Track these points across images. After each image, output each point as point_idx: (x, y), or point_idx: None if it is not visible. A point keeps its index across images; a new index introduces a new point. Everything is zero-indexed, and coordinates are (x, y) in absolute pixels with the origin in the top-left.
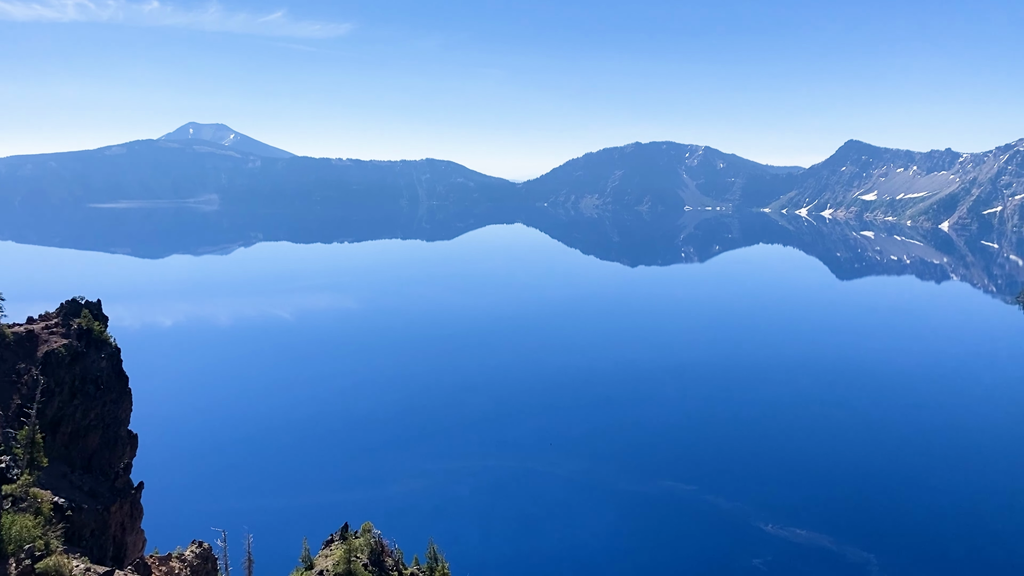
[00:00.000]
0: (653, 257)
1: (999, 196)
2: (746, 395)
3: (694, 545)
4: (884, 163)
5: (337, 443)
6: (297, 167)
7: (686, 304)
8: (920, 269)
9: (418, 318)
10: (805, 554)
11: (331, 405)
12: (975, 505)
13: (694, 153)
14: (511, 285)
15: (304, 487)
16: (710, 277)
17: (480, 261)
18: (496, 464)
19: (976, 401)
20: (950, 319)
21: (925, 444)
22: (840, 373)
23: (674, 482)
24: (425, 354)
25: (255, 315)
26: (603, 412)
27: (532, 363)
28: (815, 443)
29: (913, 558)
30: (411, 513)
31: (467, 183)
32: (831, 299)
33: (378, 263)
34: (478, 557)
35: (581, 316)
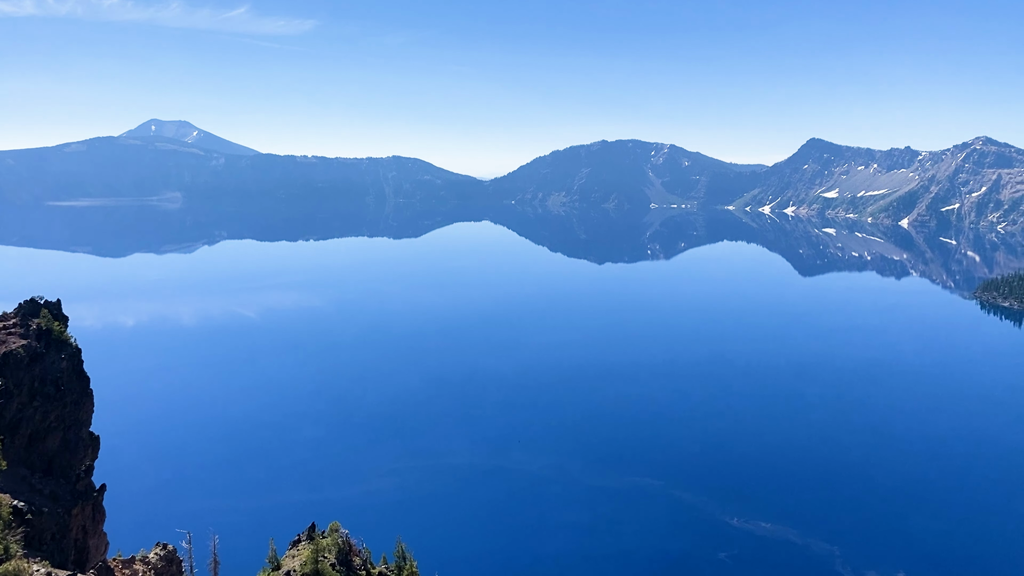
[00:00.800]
0: (620, 254)
1: (957, 194)
2: (711, 390)
3: (661, 539)
4: (845, 161)
5: (304, 442)
6: (262, 164)
7: (652, 301)
8: (880, 265)
9: (384, 317)
10: (770, 547)
11: (297, 404)
12: (936, 496)
13: (660, 151)
14: (479, 283)
15: (271, 487)
16: (676, 274)
17: (447, 259)
18: (464, 462)
19: (936, 394)
20: (910, 314)
21: (887, 437)
22: (803, 368)
23: (642, 477)
24: (392, 353)
25: (219, 314)
26: (571, 409)
27: (500, 361)
28: (780, 437)
29: (875, 550)
30: (379, 512)
31: (434, 180)
32: (794, 295)
33: (344, 261)
34: (447, 555)
35: (548, 313)
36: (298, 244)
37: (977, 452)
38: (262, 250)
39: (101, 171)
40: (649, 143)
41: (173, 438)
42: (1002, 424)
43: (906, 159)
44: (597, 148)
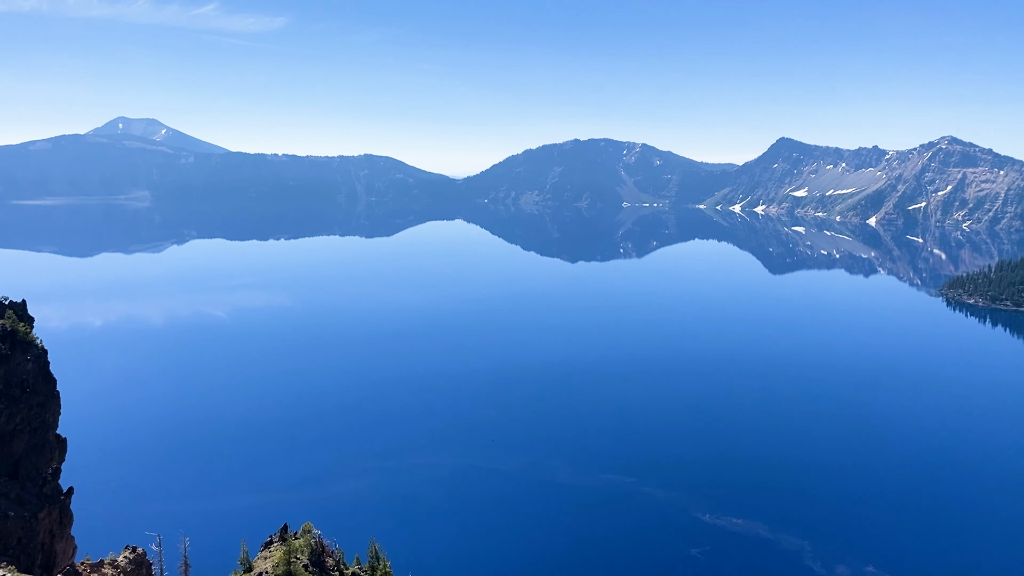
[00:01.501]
0: (593, 253)
1: (923, 192)
2: (683, 387)
3: (634, 536)
4: (814, 160)
5: (275, 442)
6: (231, 163)
7: (625, 299)
8: (849, 263)
9: (357, 316)
10: (742, 542)
11: (268, 404)
12: (904, 490)
13: (632, 150)
14: (452, 282)
15: (242, 488)
16: (648, 273)
17: (420, 258)
18: (437, 461)
19: (904, 390)
20: (879, 312)
21: (856, 432)
22: (774, 365)
23: (615, 475)
24: (364, 352)
25: (189, 314)
26: (545, 407)
27: (473, 359)
28: (751, 433)
29: (845, 544)
30: (353, 512)
31: (406, 179)
32: (764, 293)
33: (316, 260)
34: (421, 555)
35: (521, 312)
36: (269, 243)
37: (944, 447)
38: (232, 249)
39: (67, 169)
40: (621, 142)
41: (142, 439)
42: (969, 419)
43: (874, 158)
44: (570, 147)
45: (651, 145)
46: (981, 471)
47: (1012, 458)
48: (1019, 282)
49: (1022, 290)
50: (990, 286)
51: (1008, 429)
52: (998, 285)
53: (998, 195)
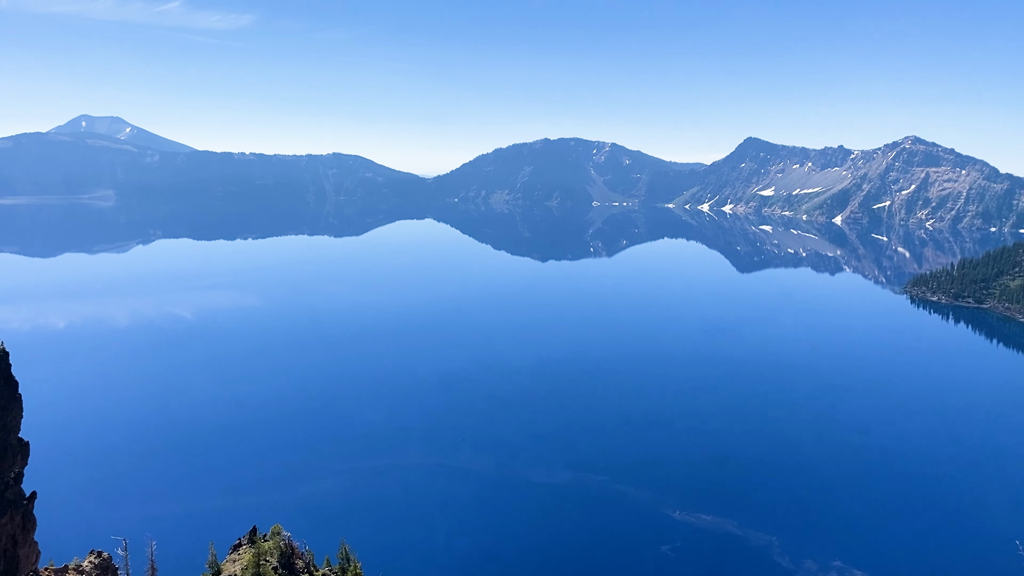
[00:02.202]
0: (563, 252)
1: (888, 191)
2: (653, 385)
3: (605, 534)
4: (781, 160)
5: (244, 444)
6: (198, 162)
7: (595, 298)
8: (815, 262)
9: (326, 316)
10: (712, 539)
11: (237, 406)
12: (870, 486)
13: (601, 150)
14: (422, 282)
15: (210, 490)
16: (618, 271)
17: (390, 257)
18: (408, 462)
19: (870, 386)
20: (844, 309)
21: (822, 428)
22: (741, 362)
23: (586, 473)
24: (333, 352)
25: (154, 315)
26: (514, 406)
27: (443, 359)
28: (719, 430)
29: (812, 539)
30: (323, 514)
31: (376, 178)
32: (732, 291)
33: (284, 260)
34: (391, 555)
35: (491, 311)
36: (236, 243)
37: (908, 441)
38: (199, 249)
39: (29, 168)
40: (591, 141)
41: (107, 442)
42: (931, 413)
43: (839, 158)
44: (540, 146)
45: (620, 144)
46: (944, 464)
47: (973, 449)
48: (980, 280)
49: (983, 288)
50: (952, 284)
51: (969, 422)
52: (960, 283)
53: (960, 194)
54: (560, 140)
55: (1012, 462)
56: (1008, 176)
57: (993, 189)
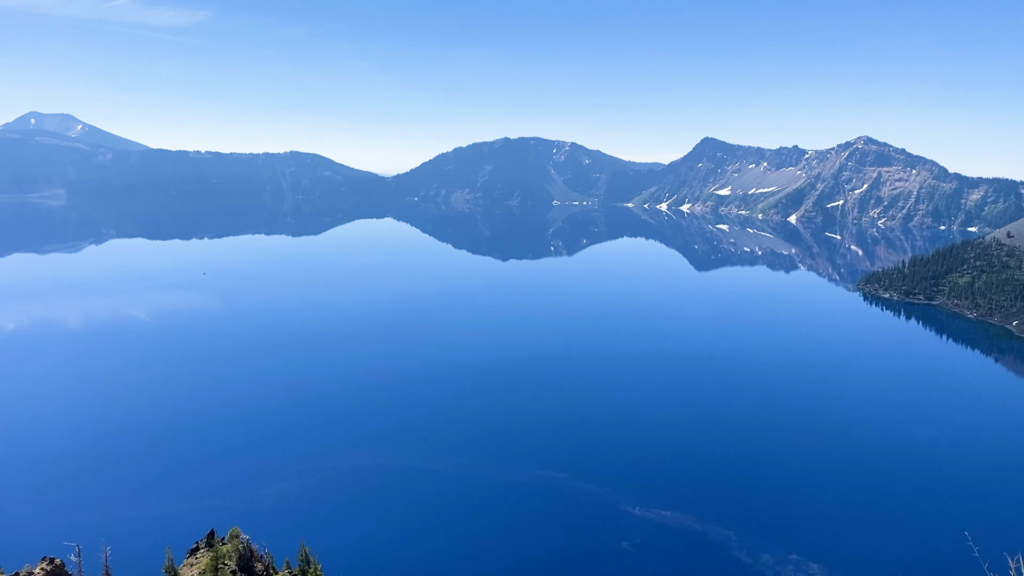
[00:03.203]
0: (524, 251)
1: (841, 191)
2: (612, 383)
3: (566, 531)
4: (738, 159)
5: (201, 446)
6: (152, 160)
7: (556, 296)
8: (771, 260)
9: (283, 316)
10: (671, 534)
11: (192, 407)
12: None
13: (561, 149)
14: (381, 281)
15: (166, 494)
16: (579, 270)
17: (349, 256)
18: (370, 462)
19: (824, 381)
20: (799, 307)
21: (778, 423)
22: (699, 358)
23: (547, 471)
24: (292, 352)
25: (107, 316)
26: (475, 406)
27: (403, 359)
28: (677, 426)
29: (769, 533)
30: (281, 516)
31: (334, 177)
32: (690, 289)
33: (241, 259)
34: (353, 556)
35: (451, 311)
36: (192, 242)
37: (862, 434)
38: (154, 249)
39: None
40: (551, 141)
41: (59, 446)
42: (885, 407)
43: (794, 158)
44: (500, 145)
45: (580, 144)
46: (896, 457)
47: (924, 442)
48: (930, 277)
49: (933, 285)
50: (904, 281)
51: (920, 417)
52: (911, 280)
53: (911, 193)
54: (520, 139)
55: (961, 455)
56: (956, 176)
57: (942, 188)
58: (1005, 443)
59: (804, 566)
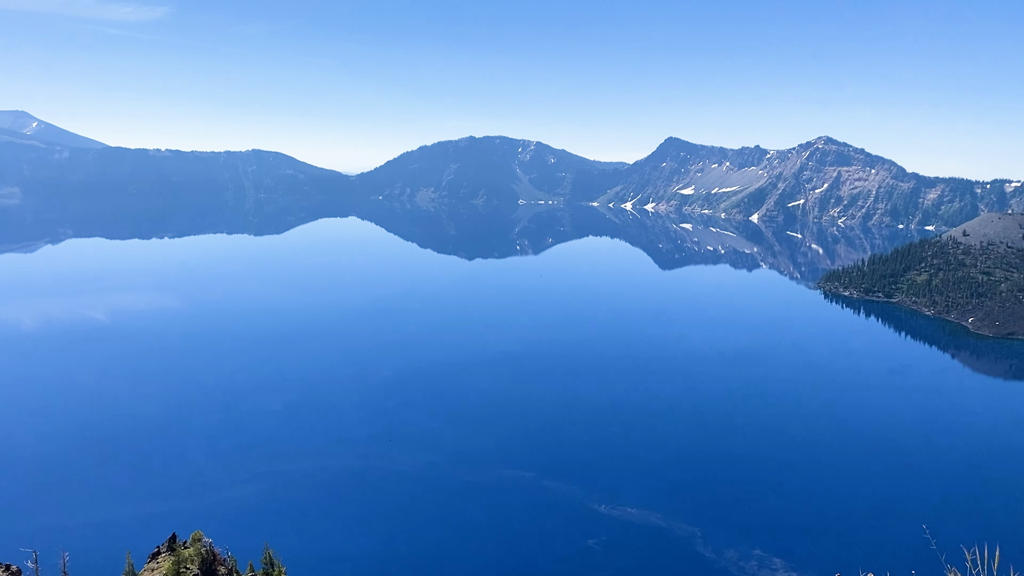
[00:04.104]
0: (490, 250)
1: (802, 190)
2: (578, 381)
3: (533, 530)
4: (701, 159)
5: (162, 449)
6: (111, 158)
7: (520, 295)
8: (734, 258)
9: (246, 316)
10: (637, 532)
11: (153, 409)
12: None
13: (526, 148)
14: (346, 281)
15: (127, 497)
16: (545, 269)
17: (312, 256)
18: (334, 464)
19: (786, 378)
20: (761, 304)
21: (742, 420)
22: (663, 356)
23: (513, 470)
24: (256, 354)
25: (64, 317)
26: (441, 406)
27: (369, 359)
28: (642, 423)
29: (733, 529)
30: (245, 519)
31: (297, 175)
32: (655, 287)
33: (202, 259)
34: (318, 559)
35: (417, 310)
36: (152, 242)
37: (823, 433)
38: (112, 248)
39: None
40: (516, 140)
41: (14, 450)
42: (847, 406)
43: (756, 157)
44: (465, 144)
45: (545, 143)
46: (857, 453)
47: (885, 439)
48: (889, 275)
49: (892, 282)
50: (863, 279)
51: (881, 414)
52: (870, 278)
53: (870, 192)
54: (485, 138)
55: (919, 450)
56: (915, 175)
57: (901, 188)
58: (961, 438)
59: (767, 562)
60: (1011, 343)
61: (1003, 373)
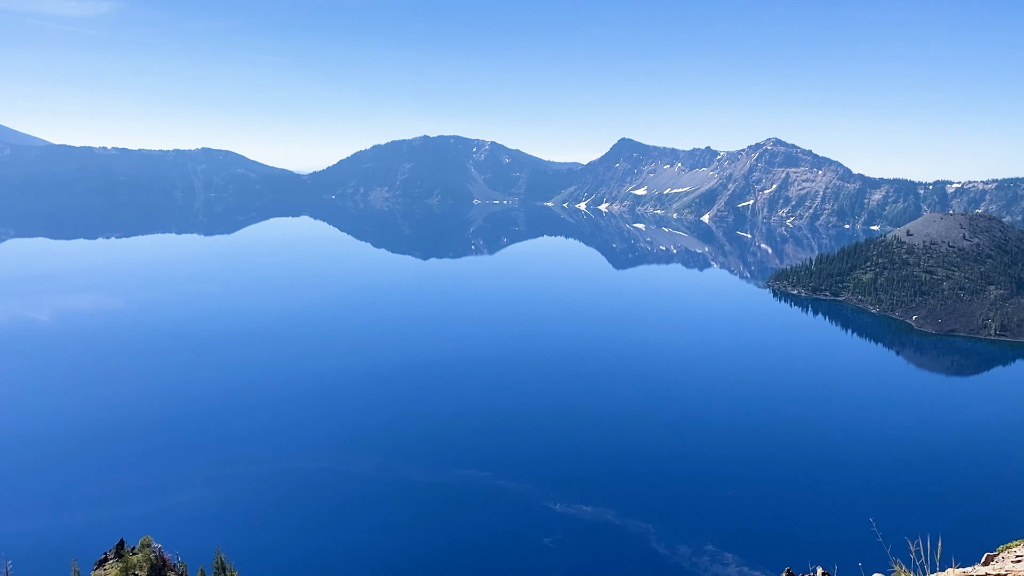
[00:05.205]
0: (445, 250)
1: (751, 191)
2: (532, 381)
3: (489, 530)
4: (653, 160)
5: (110, 453)
6: (54, 156)
7: (476, 295)
8: (685, 258)
9: (195, 318)
10: (592, 529)
11: (99, 413)
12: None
13: (481, 148)
14: (298, 281)
15: (71, 503)
16: (499, 269)
17: (264, 256)
18: (287, 466)
19: (737, 376)
20: (711, 303)
21: (693, 418)
22: (616, 355)
23: (467, 470)
24: (206, 356)
25: (5, 319)
26: (395, 407)
27: (320, 361)
28: (595, 422)
29: (685, 525)
30: (196, 523)
31: (248, 174)
32: (608, 286)
33: (150, 259)
34: (271, 562)
35: (371, 311)
36: (98, 242)
37: (772, 428)
38: (57, 249)
39: None
40: (471, 139)
41: None
42: (793, 401)
43: (707, 158)
44: (419, 143)
45: (500, 143)
46: (806, 447)
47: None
48: (836, 274)
49: (839, 281)
50: (811, 278)
51: (827, 407)
52: (818, 277)
53: (817, 193)
54: (440, 137)
55: (865, 445)
56: (860, 176)
57: (847, 188)
58: (906, 432)
59: (719, 556)
60: (952, 340)
61: (945, 369)
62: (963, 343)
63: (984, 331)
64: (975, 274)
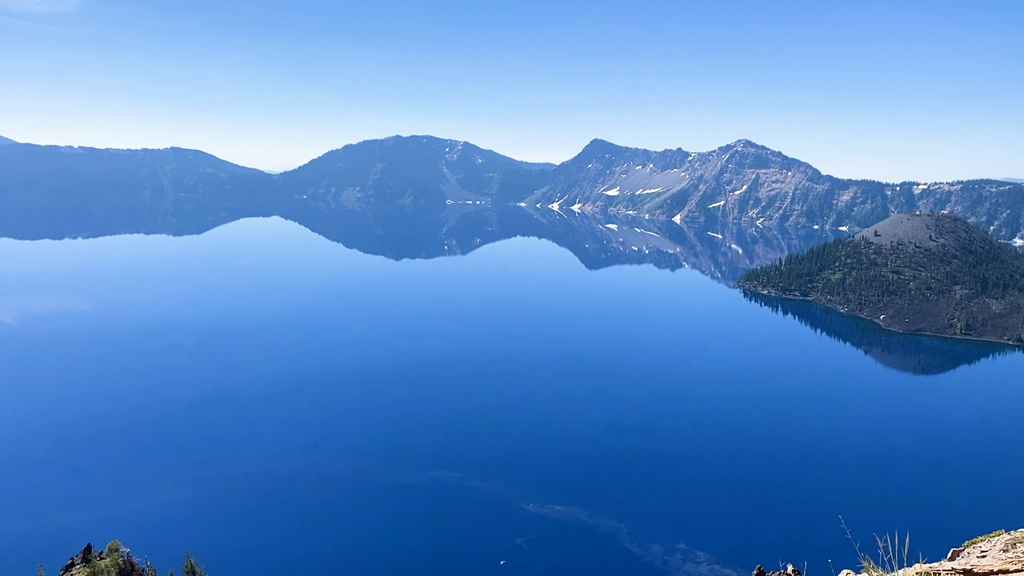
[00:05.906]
0: (417, 250)
1: (722, 191)
2: (504, 382)
3: (462, 530)
4: (625, 161)
5: (72, 456)
6: (18, 155)
7: (449, 296)
8: (657, 258)
9: (164, 320)
10: (565, 529)
11: (64, 415)
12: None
13: (454, 148)
14: (268, 282)
15: (36, 507)
16: (472, 269)
17: (234, 257)
18: (258, 469)
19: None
20: (683, 303)
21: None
22: (588, 355)
23: (440, 471)
24: (175, 358)
25: None
26: (367, 408)
27: (291, 363)
28: (567, 422)
29: (658, 524)
30: (166, 527)
31: (218, 174)
32: (581, 286)
33: (118, 260)
34: (242, 566)
35: (342, 312)
36: (64, 242)
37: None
38: (21, 249)
39: None
40: (443, 139)
41: None
42: (763, 399)
43: (678, 159)
44: (391, 143)
45: (473, 143)
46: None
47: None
48: (805, 274)
49: (808, 281)
50: (781, 278)
51: (796, 405)
52: (787, 277)
53: (787, 194)
54: (412, 137)
55: (834, 443)
56: (829, 177)
57: (816, 189)
58: (874, 430)
59: (691, 555)
60: (919, 339)
61: (912, 368)
62: (929, 342)
63: (950, 330)
64: (941, 274)
